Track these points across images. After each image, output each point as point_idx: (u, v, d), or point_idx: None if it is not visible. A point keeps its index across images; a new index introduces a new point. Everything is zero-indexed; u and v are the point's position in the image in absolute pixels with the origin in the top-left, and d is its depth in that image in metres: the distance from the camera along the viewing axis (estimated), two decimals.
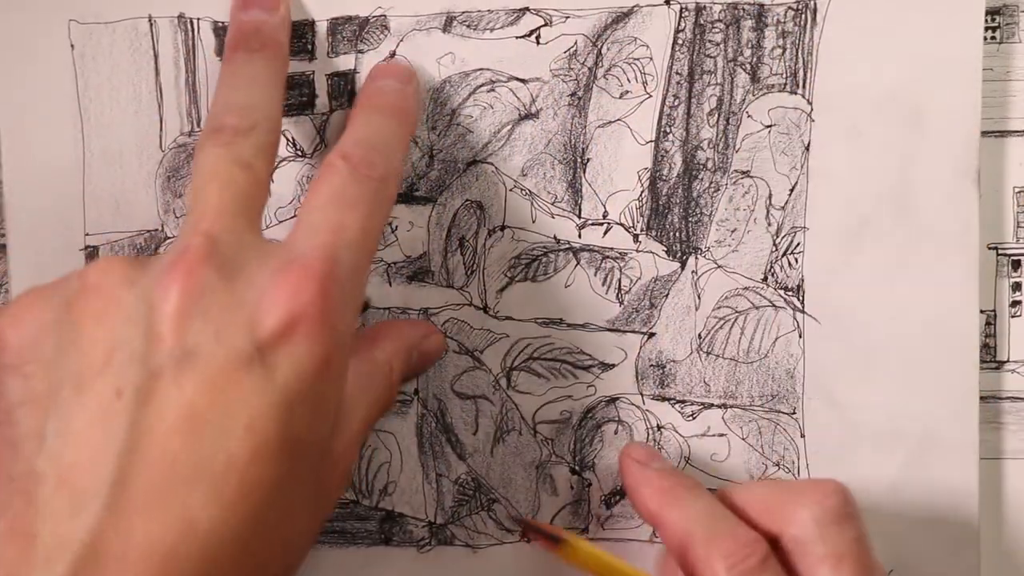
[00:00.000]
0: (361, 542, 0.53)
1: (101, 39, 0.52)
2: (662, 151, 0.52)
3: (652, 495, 0.49)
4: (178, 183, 0.53)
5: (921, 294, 0.52)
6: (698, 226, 0.52)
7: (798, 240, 0.52)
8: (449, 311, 0.53)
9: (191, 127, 0.52)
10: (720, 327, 0.52)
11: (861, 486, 0.52)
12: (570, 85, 0.52)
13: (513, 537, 0.53)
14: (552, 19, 0.51)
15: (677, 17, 0.51)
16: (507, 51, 0.52)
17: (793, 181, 0.52)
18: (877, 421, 0.52)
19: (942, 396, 0.52)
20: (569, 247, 0.52)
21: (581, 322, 0.53)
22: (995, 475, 0.53)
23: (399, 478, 0.53)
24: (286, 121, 0.52)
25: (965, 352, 0.52)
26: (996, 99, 0.52)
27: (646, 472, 0.50)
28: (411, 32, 0.52)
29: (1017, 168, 0.53)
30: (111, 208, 0.52)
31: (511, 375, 0.53)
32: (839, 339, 0.52)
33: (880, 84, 0.51)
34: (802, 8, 0.51)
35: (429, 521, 0.53)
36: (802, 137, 0.52)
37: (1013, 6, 0.52)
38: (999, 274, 0.53)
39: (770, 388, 0.52)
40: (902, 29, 0.51)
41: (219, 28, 0.52)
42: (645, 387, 0.53)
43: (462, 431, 0.53)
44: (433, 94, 0.52)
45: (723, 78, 0.52)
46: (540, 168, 0.52)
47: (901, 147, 0.51)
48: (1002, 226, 0.53)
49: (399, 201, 0.53)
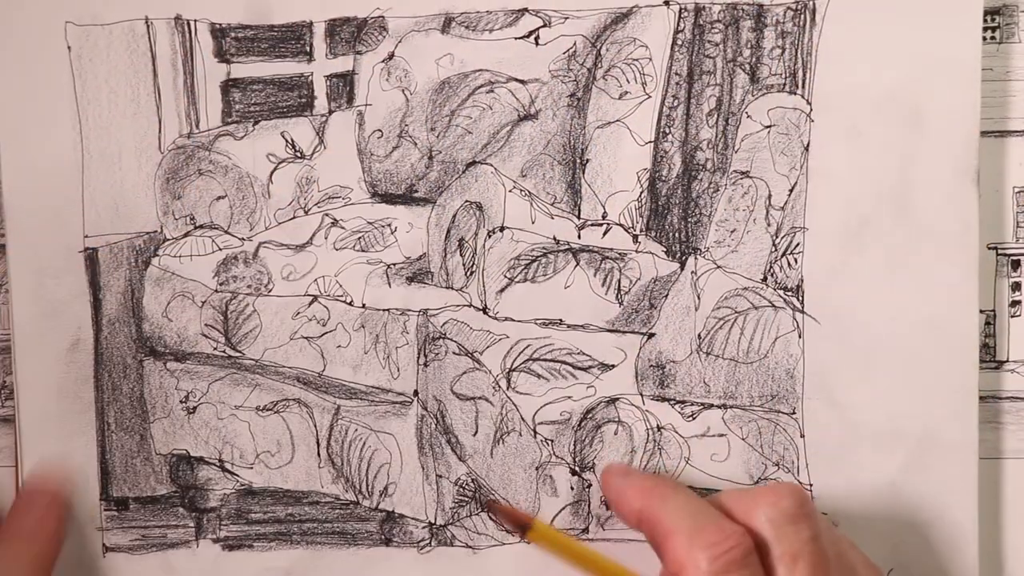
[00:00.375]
0: (361, 543, 0.53)
1: (98, 41, 0.52)
2: (661, 152, 0.52)
3: (636, 494, 0.49)
4: (177, 184, 0.53)
5: (921, 294, 0.52)
6: (697, 226, 0.52)
7: (798, 240, 0.52)
8: (449, 312, 0.53)
9: (190, 129, 0.52)
10: (720, 327, 0.52)
11: (861, 486, 0.52)
12: (569, 86, 0.52)
13: (513, 538, 0.53)
14: (551, 20, 0.51)
15: (676, 18, 0.51)
16: (506, 52, 0.51)
17: (792, 181, 0.52)
18: (877, 421, 0.52)
19: (942, 396, 0.52)
20: (568, 248, 0.52)
21: (581, 323, 0.53)
22: (995, 475, 0.53)
23: (399, 479, 0.53)
24: (285, 123, 0.52)
25: (965, 352, 0.52)
26: (996, 99, 0.52)
27: (629, 478, 0.50)
28: (409, 33, 0.51)
29: (1017, 168, 0.53)
30: (110, 209, 0.52)
31: (511, 376, 0.53)
32: (839, 339, 0.52)
33: (880, 84, 0.51)
34: (801, 8, 0.51)
35: (429, 522, 0.53)
36: (801, 137, 0.52)
37: (1013, 6, 0.52)
38: (999, 274, 0.53)
39: (770, 388, 0.52)
40: (902, 29, 0.51)
41: (216, 30, 0.52)
42: (645, 388, 0.53)
43: (462, 432, 0.53)
44: (432, 95, 0.52)
45: (722, 78, 0.51)
46: (539, 169, 0.52)
47: (901, 147, 0.51)
48: (1002, 226, 0.53)
49: (399, 202, 0.53)
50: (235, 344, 0.53)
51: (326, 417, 0.53)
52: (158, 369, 0.53)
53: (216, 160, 0.53)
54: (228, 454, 0.53)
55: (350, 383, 0.53)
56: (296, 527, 0.54)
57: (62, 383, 0.53)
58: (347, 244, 0.53)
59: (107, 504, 0.53)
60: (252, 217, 0.53)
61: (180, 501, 0.54)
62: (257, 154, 0.53)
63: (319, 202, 0.53)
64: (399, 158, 0.52)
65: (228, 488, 0.54)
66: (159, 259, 0.53)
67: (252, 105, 0.52)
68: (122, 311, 0.53)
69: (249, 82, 0.52)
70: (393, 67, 0.52)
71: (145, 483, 0.54)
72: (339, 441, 0.53)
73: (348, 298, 0.53)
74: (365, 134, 0.52)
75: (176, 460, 0.54)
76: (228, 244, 0.53)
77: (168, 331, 0.53)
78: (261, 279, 0.53)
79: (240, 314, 0.53)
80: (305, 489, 0.54)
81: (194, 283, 0.53)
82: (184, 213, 0.53)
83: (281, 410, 0.53)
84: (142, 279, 0.53)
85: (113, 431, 0.53)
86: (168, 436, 0.54)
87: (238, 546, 0.54)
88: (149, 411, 0.53)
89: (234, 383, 0.53)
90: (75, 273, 0.53)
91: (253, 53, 0.52)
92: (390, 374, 0.53)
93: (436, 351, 0.53)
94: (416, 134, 0.52)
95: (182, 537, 0.54)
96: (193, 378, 0.53)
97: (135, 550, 0.54)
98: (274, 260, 0.53)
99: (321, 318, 0.53)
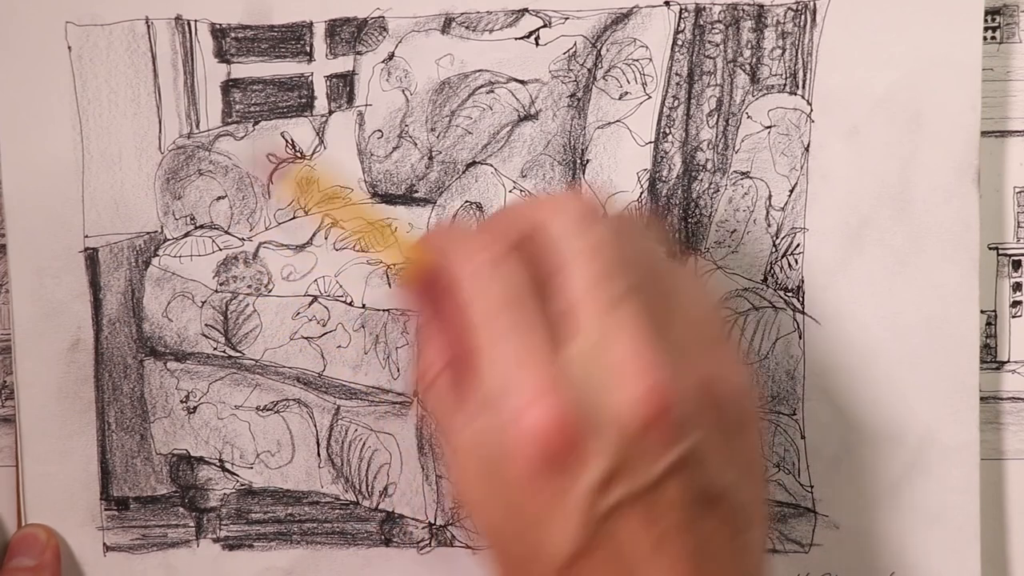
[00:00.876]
0: (361, 543, 0.53)
1: (98, 41, 0.52)
2: (661, 152, 0.52)
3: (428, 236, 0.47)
4: (177, 185, 0.53)
5: (922, 295, 0.52)
6: (698, 227, 0.52)
7: (798, 241, 0.52)
8: None
9: (190, 129, 0.52)
10: None
11: (862, 488, 0.52)
12: (569, 86, 0.52)
13: None
14: (551, 20, 0.51)
15: (677, 18, 0.51)
16: (506, 52, 0.51)
17: (793, 182, 0.52)
18: (877, 422, 0.52)
19: (943, 397, 0.52)
20: None
21: None
22: (995, 475, 0.53)
23: (399, 479, 0.53)
24: (285, 123, 0.52)
25: (965, 352, 0.52)
26: (996, 99, 0.52)
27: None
28: (410, 33, 0.51)
29: (1017, 168, 0.53)
30: (110, 209, 0.52)
31: None
32: (839, 340, 0.52)
33: (880, 84, 0.51)
34: (802, 9, 0.51)
35: (429, 522, 0.53)
36: (802, 138, 0.51)
37: (1013, 6, 0.52)
38: (999, 274, 0.53)
39: (770, 389, 0.52)
40: (902, 29, 0.51)
41: (216, 30, 0.52)
42: None
43: None
44: (432, 95, 0.52)
45: (723, 79, 0.51)
46: (540, 169, 0.52)
47: (901, 147, 0.51)
48: (1002, 226, 0.53)
49: (399, 203, 0.53)
50: (235, 344, 0.53)
51: (326, 417, 0.53)
52: (158, 369, 0.53)
53: (216, 160, 0.53)
54: (228, 454, 0.54)
55: (350, 383, 0.53)
56: (296, 527, 0.54)
57: (62, 383, 0.53)
58: (347, 244, 0.53)
59: (107, 504, 0.54)
60: (252, 217, 0.53)
61: (180, 501, 0.54)
62: (257, 154, 0.53)
63: (319, 202, 0.53)
64: (399, 158, 0.52)
65: (228, 488, 0.54)
66: (159, 259, 0.53)
67: (252, 105, 0.52)
68: (122, 311, 0.53)
69: (249, 82, 0.52)
70: (393, 67, 0.52)
71: (145, 483, 0.54)
72: (339, 441, 0.53)
73: (348, 298, 0.53)
74: (365, 134, 0.52)
75: (176, 460, 0.54)
76: (228, 244, 0.53)
77: (168, 331, 0.53)
78: (261, 279, 0.53)
79: (240, 314, 0.53)
80: (305, 489, 0.54)
81: (194, 283, 0.53)
82: (184, 213, 0.53)
83: (281, 410, 0.53)
84: (142, 279, 0.53)
85: (113, 431, 0.53)
86: (168, 436, 0.54)
87: (238, 546, 0.54)
88: (149, 411, 0.53)
89: (234, 383, 0.53)
90: (75, 273, 0.53)
91: (253, 53, 0.52)
92: (390, 374, 0.53)
93: None
94: (416, 134, 0.52)
95: (182, 537, 0.54)
96: (193, 378, 0.53)
97: (135, 550, 0.54)
98: (274, 260, 0.53)
99: (321, 318, 0.53)
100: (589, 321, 0.38)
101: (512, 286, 0.39)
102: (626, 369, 0.38)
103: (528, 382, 0.38)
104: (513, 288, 0.39)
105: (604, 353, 0.38)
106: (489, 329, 0.39)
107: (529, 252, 0.40)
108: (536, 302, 0.39)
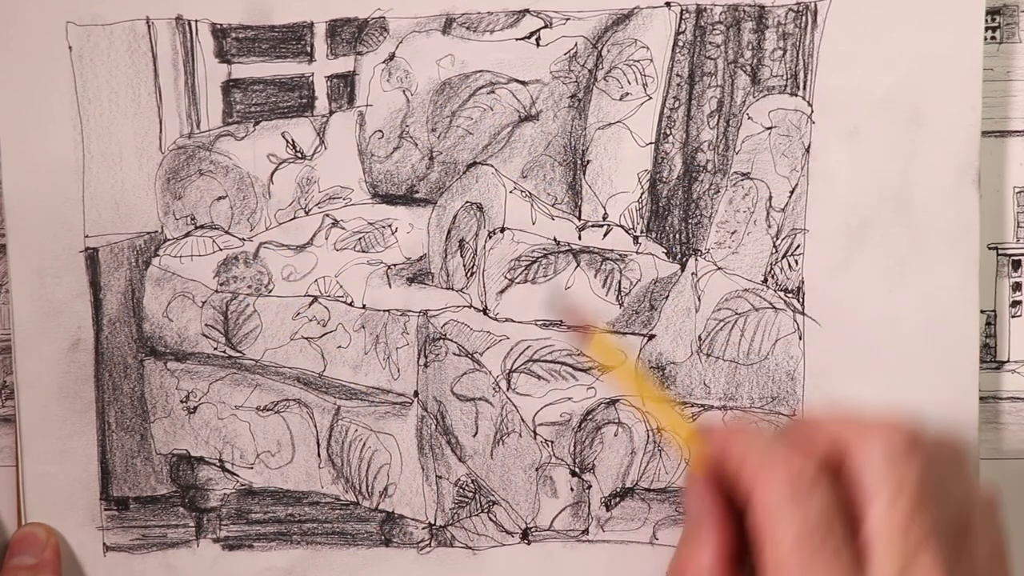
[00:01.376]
0: (361, 543, 0.53)
1: (99, 41, 0.52)
2: (662, 153, 0.52)
3: (720, 434, 0.46)
4: (177, 185, 0.53)
5: (921, 294, 0.52)
6: (698, 228, 0.52)
7: (798, 242, 0.52)
8: (449, 313, 0.53)
9: (191, 129, 0.52)
10: (720, 329, 0.52)
11: None
12: (570, 87, 0.52)
13: (513, 539, 0.53)
14: (552, 21, 0.51)
15: (677, 19, 0.51)
16: (507, 53, 0.51)
17: (793, 183, 0.52)
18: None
19: (943, 396, 0.52)
20: (569, 249, 0.52)
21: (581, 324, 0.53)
22: (995, 475, 0.53)
23: (399, 480, 0.53)
24: (286, 123, 0.52)
25: (965, 352, 0.52)
26: (996, 99, 0.52)
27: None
28: (410, 34, 0.51)
29: (1017, 168, 0.53)
30: (111, 209, 0.52)
31: (511, 377, 0.53)
32: (839, 341, 0.52)
33: (880, 85, 0.51)
34: (802, 10, 0.51)
35: (429, 523, 0.53)
36: (802, 139, 0.52)
37: (1013, 6, 0.52)
38: (999, 274, 0.53)
39: (770, 390, 0.52)
40: (902, 30, 0.51)
41: (217, 30, 0.52)
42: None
43: (462, 433, 0.53)
44: (433, 96, 0.52)
45: (723, 80, 0.51)
46: (540, 170, 0.52)
47: (901, 148, 0.51)
48: (1002, 226, 0.53)
49: (399, 203, 0.53)
50: (235, 344, 0.53)
51: (326, 417, 0.53)
52: (158, 369, 0.53)
53: (217, 160, 0.53)
54: (228, 454, 0.54)
55: (350, 383, 0.53)
56: (296, 527, 0.54)
57: (62, 383, 0.53)
58: (347, 245, 0.53)
59: (107, 504, 0.54)
60: (253, 217, 0.53)
61: (180, 501, 0.54)
62: (258, 154, 0.53)
63: (320, 202, 0.53)
64: (400, 159, 0.52)
65: (228, 488, 0.54)
66: (160, 259, 0.53)
67: (253, 105, 0.52)
68: (122, 311, 0.53)
69: (250, 82, 0.52)
70: (394, 68, 0.52)
71: (145, 483, 0.54)
72: (339, 441, 0.53)
73: (348, 299, 0.53)
74: (366, 135, 0.52)
75: (176, 460, 0.54)
76: (228, 244, 0.53)
77: (168, 331, 0.53)
78: (261, 279, 0.53)
79: (240, 314, 0.53)
80: (305, 489, 0.54)
81: (194, 283, 0.53)
82: (185, 213, 0.53)
83: (281, 410, 0.53)
84: (143, 279, 0.53)
85: (113, 431, 0.53)
86: (168, 436, 0.54)
87: (238, 546, 0.54)
88: (149, 411, 0.53)
89: (234, 383, 0.53)
90: (75, 273, 0.53)
91: (254, 53, 0.52)
92: (390, 375, 0.53)
93: (436, 352, 0.53)
94: (417, 135, 0.52)
95: (182, 537, 0.54)
96: (193, 378, 0.53)
97: (135, 550, 0.54)
98: (274, 260, 0.53)
99: (321, 319, 0.53)
100: (884, 562, 0.40)
101: (822, 513, 0.40)
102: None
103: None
104: (824, 515, 0.40)
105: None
106: (799, 554, 0.40)
107: (832, 474, 0.42)
108: (845, 532, 0.40)
